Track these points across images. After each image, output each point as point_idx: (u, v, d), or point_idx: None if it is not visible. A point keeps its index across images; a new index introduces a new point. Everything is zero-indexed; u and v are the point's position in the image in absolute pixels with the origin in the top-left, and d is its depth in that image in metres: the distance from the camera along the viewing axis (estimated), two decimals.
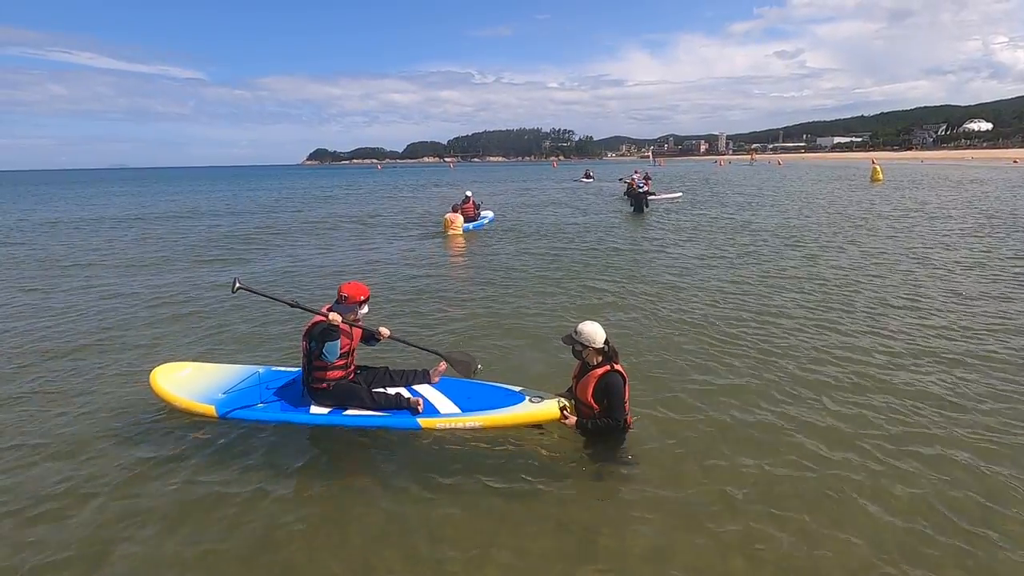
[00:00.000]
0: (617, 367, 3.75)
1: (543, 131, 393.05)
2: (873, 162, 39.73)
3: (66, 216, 23.26)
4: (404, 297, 8.44)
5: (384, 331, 4.44)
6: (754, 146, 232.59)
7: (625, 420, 3.78)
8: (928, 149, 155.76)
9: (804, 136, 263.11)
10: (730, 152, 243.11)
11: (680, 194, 26.32)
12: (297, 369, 4.65)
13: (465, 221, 15.76)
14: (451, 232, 15.16)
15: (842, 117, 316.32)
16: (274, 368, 4.90)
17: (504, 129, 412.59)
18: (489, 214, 18.11)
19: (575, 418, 3.83)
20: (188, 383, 4.59)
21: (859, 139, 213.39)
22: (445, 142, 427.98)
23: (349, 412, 4.18)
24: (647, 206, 18.66)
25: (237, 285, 4.41)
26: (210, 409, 4.33)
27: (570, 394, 4.04)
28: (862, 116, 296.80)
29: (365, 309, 4.40)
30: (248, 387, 4.54)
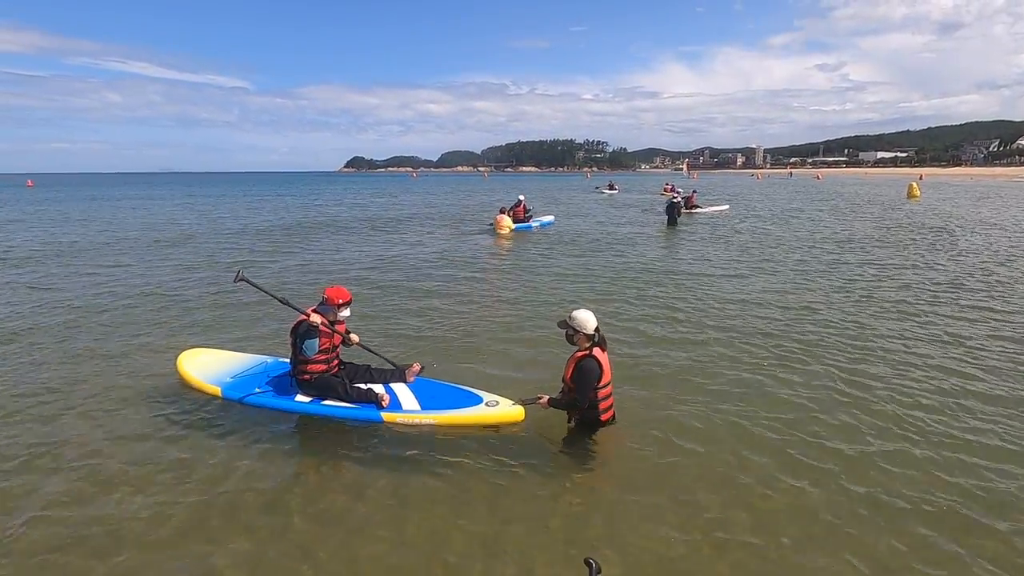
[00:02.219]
0: (596, 353, 4.01)
1: (577, 142, 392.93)
2: (921, 177, 38.64)
3: (135, 217, 24.73)
4: (436, 293, 9.05)
5: (355, 337, 4.94)
6: (792, 160, 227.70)
7: (596, 409, 4.02)
8: (979, 166, 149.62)
9: (846, 151, 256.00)
10: (768, 166, 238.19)
11: (727, 207, 26.01)
12: None
13: (515, 222, 17.44)
14: (500, 232, 16.50)
15: (887, 132, 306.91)
16: (280, 359, 5.45)
17: (538, 140, 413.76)
18: (549, 218, 19.68)
19: (546, 397, 4.13)
20: (205, 367, 5.26)
21: (904, 154, 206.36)
22: (479, 151, 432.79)
23: (326, 402, 4.63)
24: (679, 215, 18.97)
25: (240, 275, 4.87)
26: (216, 390, 4.95)
27: (531, 402, 4.24)
28: (908, 131, 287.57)
29: (346, 312, 4.77)
30: (252, 374, 5.13)
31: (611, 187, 44.15)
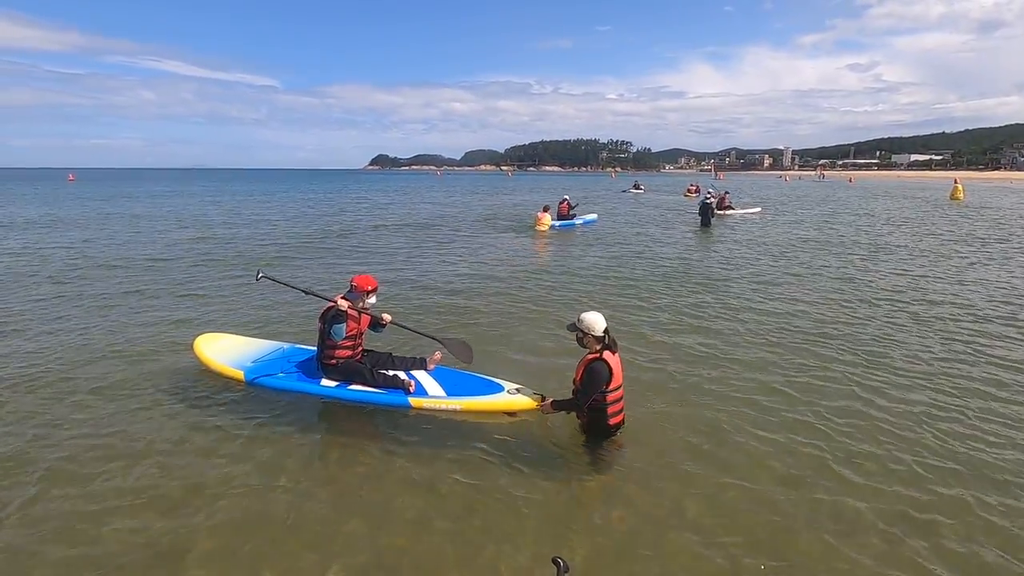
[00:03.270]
0: (606, 356, 3.99)
1: (600, 142, 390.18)
2: (956, 181, 37.57)
3: (162, 212, 25.27)
4: (467, 287, 9.07)
5: (386, 317, 4.99)
6: (822, 161, 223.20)
7: (604, 412, 3.98)
8: (1019, 169, 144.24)
9: (878, 153, 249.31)
10: (796, 167, 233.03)
11: (759, 209, 25.70)
12: (316, 348, 5.23)
13: (560, 219, 18.53)
14: (539, 228, 17.25)
15: (921, 133, 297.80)
16: (297, 345, 5.55)
17: (561, 139, 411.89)
18: (592, 216, 20.55)
19: (550, 400, 4.25)
20: (223, 351, 5.32)
21: (939, 157, 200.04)
22: (502, 150, 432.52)
23: (353, 387, 4.71)
24: (712, 216, 18.78)
25: (260, 275, 4.97)
26: (239, 374, 5.01)
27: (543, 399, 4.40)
28: (943, 133, 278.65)
29: (372, 299, 4.91)
30: (273, 359, 5.21)
31: (636, 187, 44.11)
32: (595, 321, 4.03)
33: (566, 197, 20.07)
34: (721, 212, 22.35)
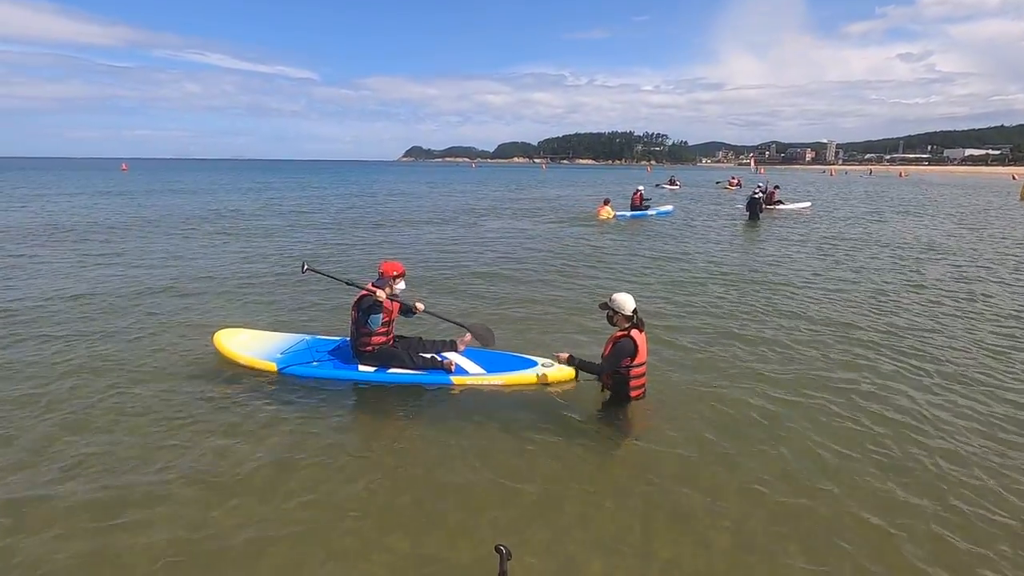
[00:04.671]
0: (633, 334, 4.24)
1: (635, 134, 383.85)
2: (1014, 177, 35.59)
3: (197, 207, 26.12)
4: (505, 273, 9.25)
5: (419, 306, 5.12)
6: (868, 156, 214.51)
7: (627, 385, 4.28)
8: None
9: (929, 147, 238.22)
10: (840, 162, 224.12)
11: (809, 204, 25.25)
12: (341, 337, 5.40)
13: (632, 209, 20.32)
14: (600, 218, 18.78)
15: (977, 127, 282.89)
16: (318, 337, 5.56)
17: (595, 132, 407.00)
18: (668, 208, 21.76)
19: (567, 354, 4.44)
20: (247, 345, 5.26)
21: (997, 152, 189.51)
22: (535, 143, 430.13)
23: (392, 371, 4.87)
24: (761, 211, 18.64)
25: (306, 267, 5.14)
26: (271, 366, 4.98)
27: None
28: (1002, 126, 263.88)
29: (401, 284, 5.02)
30: (301, 350, 5.25)
31: (672, 183, 42.75)
32: (625, 301, 4.32)
33: (639, 188, 21.61)
34: (770, 207, 21.90)
